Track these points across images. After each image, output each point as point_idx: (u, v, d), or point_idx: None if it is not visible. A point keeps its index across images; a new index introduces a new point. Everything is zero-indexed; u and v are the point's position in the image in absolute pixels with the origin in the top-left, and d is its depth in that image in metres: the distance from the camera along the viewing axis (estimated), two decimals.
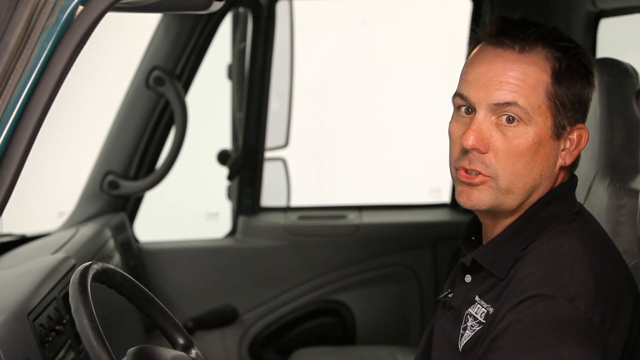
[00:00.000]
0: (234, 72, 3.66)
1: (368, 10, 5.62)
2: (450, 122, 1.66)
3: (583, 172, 2.24)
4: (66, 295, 2.17)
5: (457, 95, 1.64)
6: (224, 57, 3.73)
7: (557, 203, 1.64)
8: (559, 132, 1.61)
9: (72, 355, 2.23)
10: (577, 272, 1.54)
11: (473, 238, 1.77)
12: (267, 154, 3.72)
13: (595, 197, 2.14)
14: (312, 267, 3.60)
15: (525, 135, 1.58)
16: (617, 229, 2.03)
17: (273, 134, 3.68)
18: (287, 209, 3.78)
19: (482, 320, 1.60)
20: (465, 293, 1.67)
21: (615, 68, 2.19)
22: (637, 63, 2.27)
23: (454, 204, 3.82)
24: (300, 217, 3.70)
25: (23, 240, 2.96)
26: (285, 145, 3.78)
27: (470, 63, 1.65)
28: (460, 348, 1.63)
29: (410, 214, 3.80)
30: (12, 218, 2.39)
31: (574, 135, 1.64)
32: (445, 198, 3.97)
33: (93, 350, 1.57)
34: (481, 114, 1.60)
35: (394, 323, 3.65)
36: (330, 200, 5.28)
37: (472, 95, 1.60)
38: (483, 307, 1.61)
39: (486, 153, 1.59)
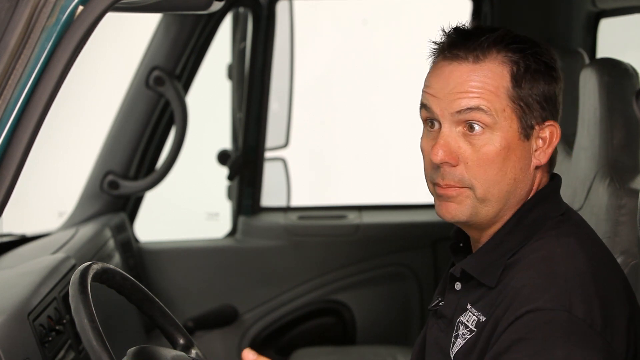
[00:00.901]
0: (234, 72, 3.66)
1: (368, 10, 5.62)
2: (421, 138, 1.66)
3: (583, 172, 2.24)
4: (66, 295, 2.17)
5: (422, 106, 1.64)
6: (224, 57, 3.73)
7: (542, 207, 1.63)
8: (527, 133, 1.60)
9: (72, 355, 2.23)
10: (572, 280, 1.52)
11: (461, 245, 1.76)
12: (267, 154, 3.72)
13: (595, 197, 2.14)
14: (312, 267, 3.60)
15: (492, 141, 1.57)
16: (617, 229, 2.03)
17: (273, 134, 3.68)
18: (287, 209, 3.78)
19: (474, 329, 1.59)
20: (456, 301, 1.66)
21: (615, 68, 2.19)
22: (637, 63, 2.27)
23: None
24: (300, 217, 3.70)
25: (23, 240, 2.96)
26: (285, 145, 3.78)
27: (429, 77, 1.64)
28: (452, 356, 1.62)
29: (410, 214, 3.80)
30: (12, 218, 2.39)
31: (545, 133, 1.62)
32: None
33: (93, 350, 1.57)
34: (446, 127, 1.59)
35: (394, 323, 3.65)
36: (330, 200, 5.28)
37: (435, 107, 1.60)
38: (474, 315, 1.60)
39: (457, 166, 1.59)
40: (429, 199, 1.70)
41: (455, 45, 1.60)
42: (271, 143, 3.70)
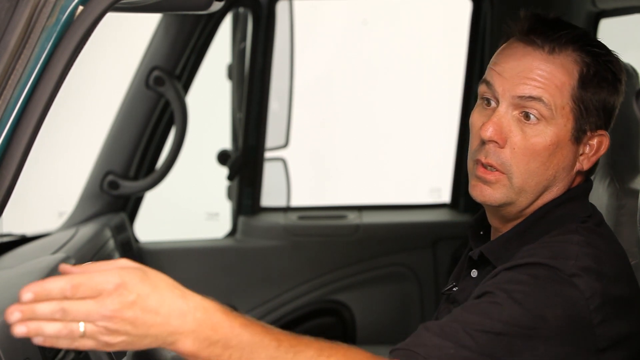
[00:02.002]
0: (234, 72, 3.66)
1: (368, 11, 5.62)
2: (472, 113, 1.67)
3: None
4: None
5: (484, 82, 1.64)
6: (224, 57, 3.73)
7: (569, 205, 1.64)
8: (579, 136, 1.61)
9: (72, 355, 2.23)
10: (582, 261, 1.52)
11: (482, 232, 1.76)
12: (267, 154, 3.71)
13: (595, 197, 2.14)
14: (312, 267, 3.60)
15: (543, 134, 1.58)
16: (617, 229, 2.03)
17: (273, 134, 3.68)
18: (287, 209, 3.78)
19: None
20: (471, 288, 1.67)
21: None
22: (637, 63, 2.27)
23: (454, 204, 3.82)
24: (300, 217, 3.70)
25: (23, 240, 2.96)
26: (285, 145, 3.78)
27: (499, 55, 1.65)
28: None
29: (410, 214, 3.80)
30: (12, 218, 2.39)
31: (594, 141, 1.64)
32: (445, 198, 3.97)
33: (93, 350, 1.56)
34: (503, 107, 1.60)
35: (394, 323, 3.65)
36: (330, 200, 5.28)
37: (498, 85, 1.61)
38: None
39: (503, 147, 1.59)
40: (429, 199, 1.70)
41: (535, 31, 1.61)
42: (271, 143, 3.70)
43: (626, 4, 2.95)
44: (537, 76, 1.58)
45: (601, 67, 1.62)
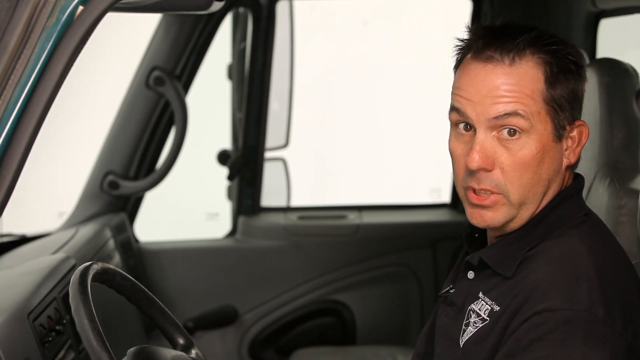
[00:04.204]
0: (234, 72, 3.66)
1: (368, 10, 5.62)
2: (449, 140, 1.64)
3: (583, 172, 2.24)
4: (66, 295, 2.17)
5: (454, 109, 1.61)
6: (224, 57, 3.73)
7: (566, 205, 1.64)
8: (560, 134, 1.60)
9: (72, 355, 2.23)
10: (593, 280, 1.52)
11: (477, 235, 1.76)
12: (267, 154, 3.72)
13: (595, 197, 2.14)
14: (312, 267, 3.60)
15: (528, 145, 1.56)
16: (617, 229, 2.03)
17: (273, 134, 3.68)
18: (287, 209, 3.78)
19: (486, 318, 1.59)
20: (467, 289, 1.67)
21: (615, 68, 2.19)
22: (637, 63, 2.26)
23: (454, 204, 3.82)
24: (300, 217, 3.70)
25: (23, 240, 2.96)
26: (285, 145, 3.78)
27: (461, 80, 1.61)
28: (462, 344, 1.62)
29: (410, 214, 3.80)
30: (12, 218, 2.39)
31: (575, 133, 1.63)
32: (445, 198, 3.97)
33: (93, 351, 1.57)
34: (481, 132, 1.57)
35: (394, 323, 3.65)
36: (330, 200, 5.28)
37: (470, 111, 1.58)
38: (487, 304, 1.60)
39: (492, 170, 1.57)
40: (429, 199, 1.70)
41: (490, 46, 1.58)
42: (271, 143, 3.70)
43: (626, 4, 2.95)
44: (505, 92, 1.55)
45: (563, 61, 1.60)
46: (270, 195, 3.76)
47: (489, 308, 1.59)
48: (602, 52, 3.24)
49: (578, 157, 1.65)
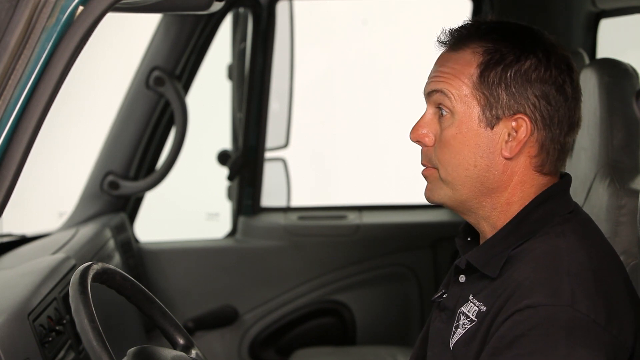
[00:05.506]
0: (234, 72, 3.66)
1: (368, 11, 5.62)
2: None
3: (583, 172, 2.24)
4: (66, 295, 2.17)
5: None
6: (224, 57, 3.73)
7: (550, 204, 1.64)
8: (491, 122, 1.62)
9: (72, 355, 2.23)
10: (575, 275, 1.53)
11: (469, 239, 1.77)
12: (267, 154, 3.72)
13: (595, 197, 2.14)
14: (312, 267, 3.60)
15: (452, 125, 1.63)
16: (617, 229, 2.03)
17: (273, 134, 3.68)
18: (287, 209, 3.78)
19: (474, 319, 1.60)
20: (459, 293, 1.67)
21: (615, 68, 2.19)
22: (637, 63, 2.27)
23: None
24: (300, 218, 3.70)
25: (23, 240, 2.96)
26: (285, 145, 3.78)
27: None
28: (452, 346, 1.63)
29: (410, 214, 3.80)
30: (12, 218, 2.39)
31: (510, 126, 1.62)
32: None
33: (93, 351, 1.57)
34: (427, 109, 1.68)
35: (394, 323, 3.65)
36: (330, 201, 5.28)
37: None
38: (475, 305, 1.61)
39: (431, 146, 1.66)
40: None
41: (446, 35, 1.69)
42: (271, 143, 3.70)
43: (626, 4, 2.96)
44: (440, 72, 1.66)
45: (505, 54, 1.62)
46: (270, 195, 3.76)
47: (477, 309, 1.60)
48: (602, 52, 3.24)
49: (517, 152, 1.63)
